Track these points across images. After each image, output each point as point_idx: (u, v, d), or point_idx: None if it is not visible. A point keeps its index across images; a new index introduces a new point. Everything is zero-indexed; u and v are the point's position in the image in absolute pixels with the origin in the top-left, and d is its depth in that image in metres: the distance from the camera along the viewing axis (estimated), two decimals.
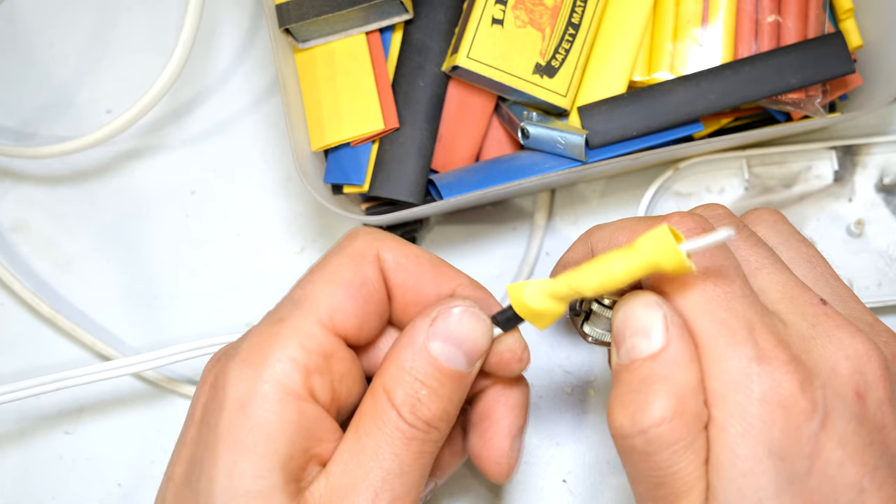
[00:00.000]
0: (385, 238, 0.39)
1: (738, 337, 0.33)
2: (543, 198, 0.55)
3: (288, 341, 0.35)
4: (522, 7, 0.49)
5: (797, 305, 0.35)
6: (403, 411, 0.35)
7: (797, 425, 0.32)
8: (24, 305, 0.56)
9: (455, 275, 0.40)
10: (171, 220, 0.57)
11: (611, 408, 0.34)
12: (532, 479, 0.52)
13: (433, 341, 0.36)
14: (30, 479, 0.54)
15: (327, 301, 0.37)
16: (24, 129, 0.58)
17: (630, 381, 0.34)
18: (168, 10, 0.59)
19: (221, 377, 0.36)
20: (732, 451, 0.32)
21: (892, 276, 0.53)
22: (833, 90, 0.52)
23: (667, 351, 0.33)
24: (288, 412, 0.34)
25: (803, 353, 0.33)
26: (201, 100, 0.58)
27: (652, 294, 0.35)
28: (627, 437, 0.33)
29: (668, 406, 0.32)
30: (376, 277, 0.38)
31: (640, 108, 0.50)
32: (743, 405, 0.32)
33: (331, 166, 0.51)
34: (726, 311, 0.33)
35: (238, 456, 0.34)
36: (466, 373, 0.37)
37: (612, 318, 0.36)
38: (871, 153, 0.54)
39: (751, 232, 0.38)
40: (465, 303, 0.37)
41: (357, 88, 0.50)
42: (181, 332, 0.55)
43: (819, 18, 0.51)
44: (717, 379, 0.33)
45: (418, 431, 0.36)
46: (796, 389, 0.32)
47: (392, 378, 0.36)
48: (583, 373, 0.53)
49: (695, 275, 0.34)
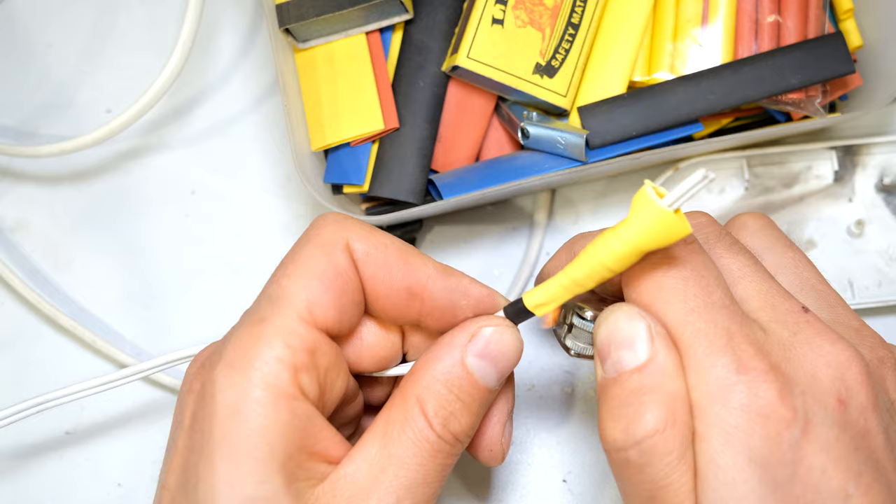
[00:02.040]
0: (352, 225, 0.38)
1: (717, 347, 0.33)
2: (543, 198, 0.55)
3: (272, 341, 0.35)
4: (522, 7, 0.49)
5: (778, 313, 0.35)
6: (435, 423, 0.36)
7: (777, 433, 0.32)
8: (24, 304, 0.56)
9: (423, 263, 0.39)
10: (171, 220, 0.57)
11: (602, 422, 0.34)
12: (532, 479, 0.52)
13: (471, 356, 0.36)
14: (30, 479, 0.54)
15: (304, 295, 0.36)
16: (24, 129, 0.58)
17: (619, 394, 0.34)
18: (168, 9, 0.59)
19: (209, 384, 0.35)
20: (714, 461, 0.32)
21: (892, 275, 0.53)
22: (833, 90, 0.52)
23: (653, 362, 0.33)
24: (281, 413, 0.34)
25: (783, 361, 0.33)
26: (201, 100, 0.58)
27: (633, 306, 0.35)
28: (621, 449, 0.33)
29: (660, 416, 0.32)
30: (349, 266, 0.38)
31: (640, 109, 0.50)
32: (722, 416, 0.32)
33: (331, 166, 0.51)
34: (706, 321, 0.33)
35: (237, 462, 0.34)
36: (495, 389, 0.38)
37: (595, 331, 0.36)
38: (871, 153, 0.54)
39: (734, 240, 0.38)
40: (503, 320, 0.38)
41: (357, 88, 0.50)
42: (181, 331, 0.55)
43: (819, 18, 0.51)
44: (697, 390, 0.33)
45: (445, 444, 0.36)
46: (775, 398, 0.32)
47: (426, 389, 0.36)
48: (583, 373, 0.53)
49: (676, 286, 0.34)
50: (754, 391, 0.32)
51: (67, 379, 0.55)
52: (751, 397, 0.32)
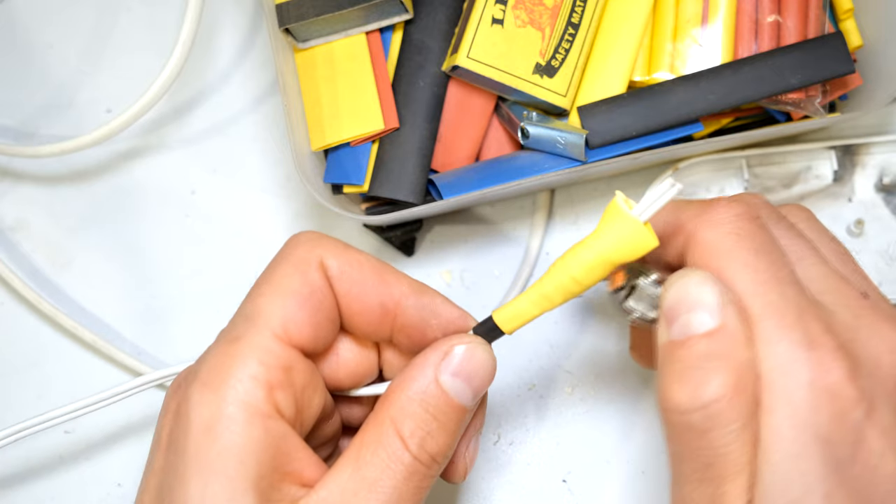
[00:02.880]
0: (326, 243, 0.39)
1: (788, 321, 0.33)
2: (543, 198, 0.55)
3: (247, 359, 0.35)
4: (522, 7, 0.49)
5: (841, 297, 0.35)
6: (411, 444, 0.35)
7: (843, 412, 0.32)
8: (24, 304, 0.56)
9: (397, 280, 0.39)
10: (171, 220, 0.57)
11: (665, 385, 0.33)
12: (532, 479, 0.52)
13: (445, 375, 0.36)
14: (30, 479, 0.54)
15: (280, 313, 0.36)
16: (24, 129, 0.58)
17: (687, 357, 0.33)
18: (168, 9, 0.59)
19: (184, 403, 0.35)
20: (779, 434, 0.32)
21: (892, 275, 0.53)
22: (833, 90, 0.52)
23: (725, 328, 0.33)
24: (255, 431, 0.34)
25: (849, 342, 0.33)
26: (201, 100, 0.59)
27: (706, 271, 0.34)
28: (685, 412, 0.33)
29: (728, 383, 0.32)
30: (323, 284, 0.38)
31: (640, 108, 0.50)
32: (790, 389, 0.32)
33: (331, 166, 0.51)
34: (777, 294, 0.33)
35: (209, 480, 0.33)
36: (471, 408, 0.37)
37: (663, 294, 0.35)
38: (870, 153, 0.54)
39: (791, 223, 0.38)
40: (476, 339, 0.37)
41: (357, 88, 0.50)
42: (181, 331, 0.55)
43: (819, 18, 0.51)
44: (766, 362, 0.33)
45: (421, 465, 0.35)
46: (844, 377, 0.32)
47: (401, 409, 0.36)
48: (583, 373, 0.53)
49: (747, 258, 0.34)
50: (824, 368, 0.32)
51: (67, 379, 0.55)
52: (820, 374, 0.32)
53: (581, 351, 0.54)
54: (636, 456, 0.52)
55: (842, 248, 0.39)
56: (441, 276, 0.55)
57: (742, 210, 0.35)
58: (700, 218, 0.36)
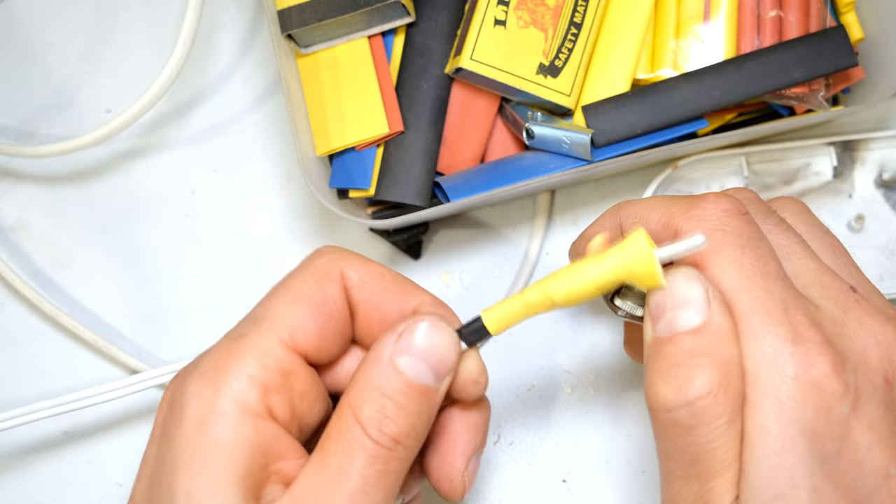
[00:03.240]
0: (349, 257, 0.39)
1: (773, 316, 0.33)
2: (543, 198, 0.55)
3: (247, 358, 0.35)
4: (524, 7, 0.49)
5: (828, 291, 0.35)
6: (369, 427, 0.35)
7: (829, 406, 0.32)
8: (24, 304, 0.56)
9: (418, 292, 0.39)
10: (171, 220, 0.57)
11: (652, 382, 0.34)
12: (532, 479, 0.52)
13: (400, 356, 0.36)
14: (30, 480, 0.54)
15: (288, 319, 0.36)
16: (24, 129, 0.58)
17: (672, 353, 0.33)
18: (168, 9, 0.59)
19: (179, 393, 0.35)
20: (765, 428, 0.32)
21: (892, 270, 0.53)
22: (836, 84, 0.52)
23: (710, 325, 0.33)
24: (245, 429, 0.34)
25: (835, 336, 0.33)
26: (201, 100, 0.58)
27: (691, 268, 0.34)
28: (671, 409, 0.33)
29: (714, 379, 0.32)
30: (339, 296, 0.38)
31: (645, 106, 0.50)
32: (776, 384, 0.32)
33: (336, 171, 0.50)
34: (763, 290, 0.33)
35: (196, 473, 0.34)
36: (434, 388, 0.36)
37: (649, 291, 0.35)
38: (869, 149, 0.54)
39: (780, 218, 0.38)
40: (431, 317, 0.37)
41: (360, 93, 0.50)
42: (181, 331, 0.55)
43: (820, 12, 0.51)
44: (751, 357, 0.33)
45: (383, 448, 0.35)
46: (829, 370, 0.32)
47: (358, 394, 0.35)
48: (583, 373, 0.54)
49: (733, 254, 0.34)
50: (809, 362, 0.32)
51: (67, 379, 0.55)
52: (805, 368, 0.32)
53: (580, 351, 0.54)
54: (636, 456, 0.52)
55: (834, 241, 0.39)
56: (440, 278, 0.55)
57: (729, 206, 0.35)
58: (687, 214, 0.36)
